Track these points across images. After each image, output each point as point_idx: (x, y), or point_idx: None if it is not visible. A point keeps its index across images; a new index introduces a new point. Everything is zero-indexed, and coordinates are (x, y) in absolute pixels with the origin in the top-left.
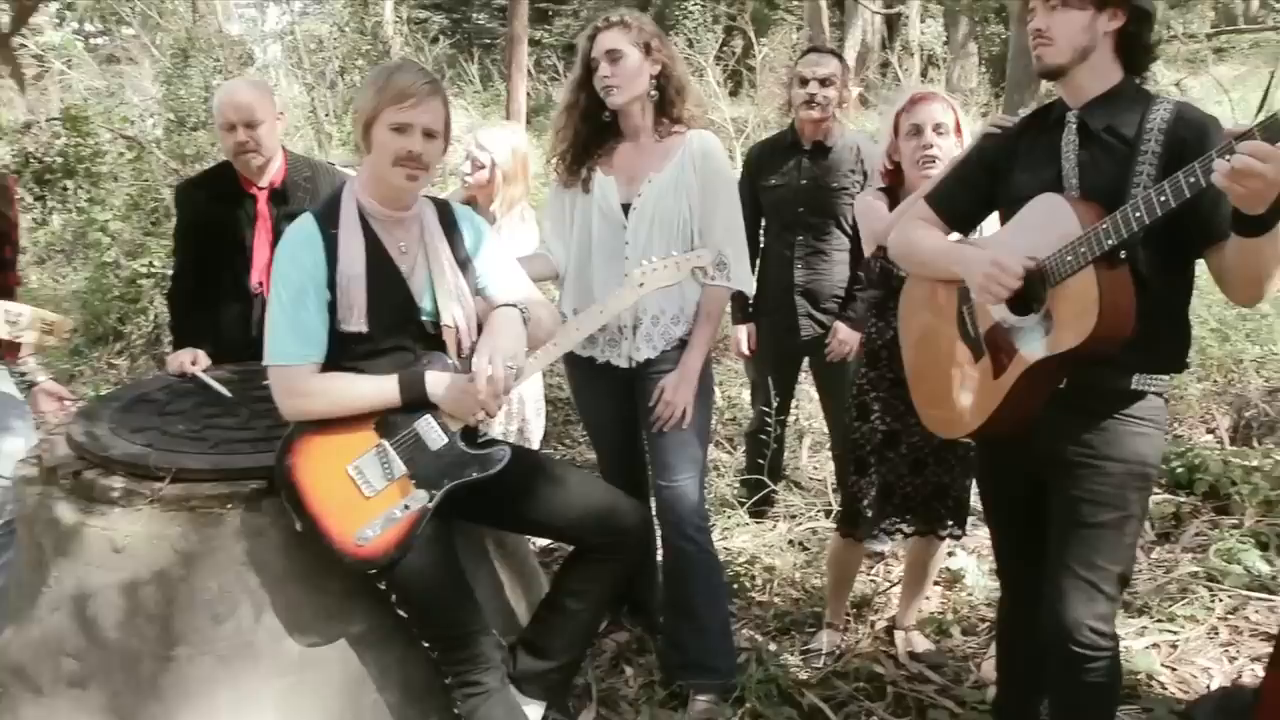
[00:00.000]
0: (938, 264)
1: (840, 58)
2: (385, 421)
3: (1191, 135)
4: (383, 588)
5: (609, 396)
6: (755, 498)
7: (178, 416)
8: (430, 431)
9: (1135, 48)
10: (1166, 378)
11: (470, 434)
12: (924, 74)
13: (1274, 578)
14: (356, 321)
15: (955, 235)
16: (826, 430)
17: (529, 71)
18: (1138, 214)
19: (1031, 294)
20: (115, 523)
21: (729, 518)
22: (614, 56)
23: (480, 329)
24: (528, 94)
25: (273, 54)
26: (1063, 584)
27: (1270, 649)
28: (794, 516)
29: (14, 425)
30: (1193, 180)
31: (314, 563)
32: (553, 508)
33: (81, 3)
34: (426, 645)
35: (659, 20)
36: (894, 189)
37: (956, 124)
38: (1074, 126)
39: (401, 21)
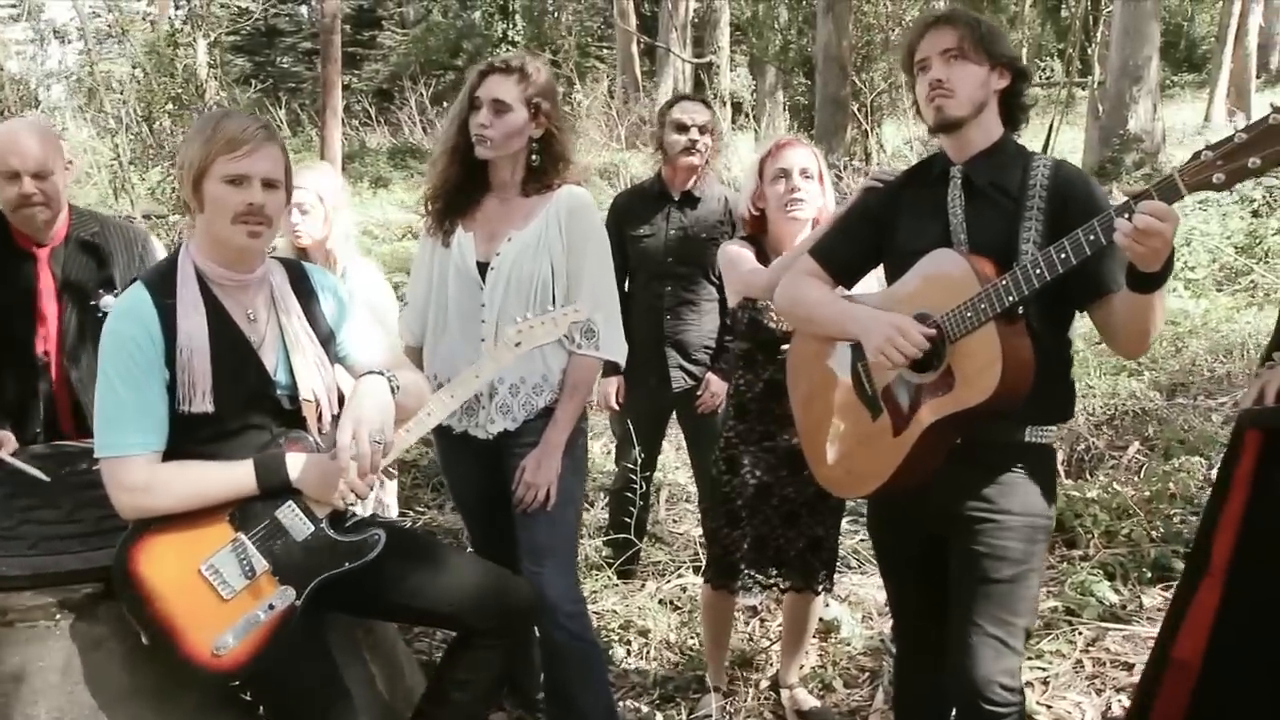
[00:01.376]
0: (830, 322)
1: (710, 105)
2: (241, 512)
3: (1073, 192)
4: (248, 697)
5: (473, 469)
6: (623, 558)
7: None
8: (294, 520)
9: (1015, 106)
10: (1054, 428)
11: (338, 518)
12: (734, 122)
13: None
14: (201, 402)
15: (841, 289)
16: (688, 482)
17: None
18: (1038, 270)
19: (930, 350)
20: None
21: (596, 579)
22: (499, 108)
23: (342, 401)
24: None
25: (56, 95)
26: (970, 641)
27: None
28: (662, 574)
29: None
30: (1093, 238)
31: (165, 674)
32: (435, 594)
33: None
34: None
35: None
36: (757, 237)
37: (819, 171)
38: (959, 181)
39: (216, 65)
